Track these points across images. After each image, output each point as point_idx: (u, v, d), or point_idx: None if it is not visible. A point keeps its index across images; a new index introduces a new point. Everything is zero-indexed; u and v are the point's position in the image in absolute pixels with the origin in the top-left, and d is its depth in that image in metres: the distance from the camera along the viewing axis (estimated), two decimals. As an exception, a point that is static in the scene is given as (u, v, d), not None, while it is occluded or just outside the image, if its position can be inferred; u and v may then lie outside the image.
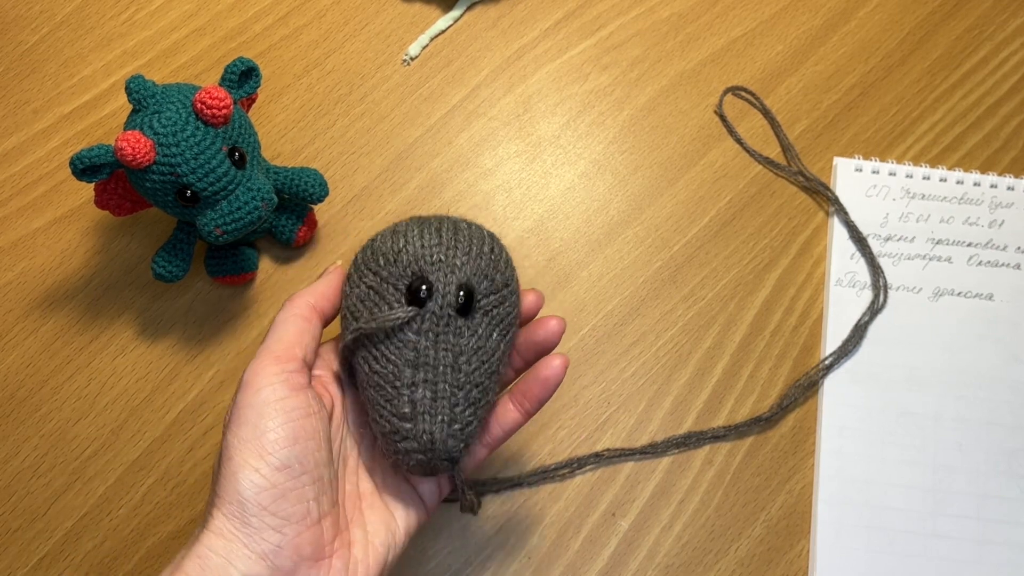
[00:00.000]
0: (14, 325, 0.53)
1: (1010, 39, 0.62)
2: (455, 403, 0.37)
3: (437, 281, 0.38)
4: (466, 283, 0.38)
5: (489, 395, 0.39)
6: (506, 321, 0.39)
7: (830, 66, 0.61)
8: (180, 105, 0.45)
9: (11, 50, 0.60)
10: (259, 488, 0.35)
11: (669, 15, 0.62)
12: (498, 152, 0.58)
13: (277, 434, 0.35)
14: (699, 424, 0.52)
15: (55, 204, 0.56)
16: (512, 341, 0.40)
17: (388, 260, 0.39)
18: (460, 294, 0.38)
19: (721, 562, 0.49)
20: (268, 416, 0.36)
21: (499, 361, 0.39)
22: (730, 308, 0.54)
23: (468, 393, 0.38)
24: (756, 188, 0.58)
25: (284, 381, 0.37)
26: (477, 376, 0.38)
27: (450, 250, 0.39)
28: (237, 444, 0.35)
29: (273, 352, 0.38)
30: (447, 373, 0.37)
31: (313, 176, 0.52)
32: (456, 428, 0.37)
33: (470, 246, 0.39)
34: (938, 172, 0.58)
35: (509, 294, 0.40)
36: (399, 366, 0.37)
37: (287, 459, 0.35)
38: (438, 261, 0.38)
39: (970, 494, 0.50)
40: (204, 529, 0.35)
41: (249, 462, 0.35)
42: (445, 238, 0.39)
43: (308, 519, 0.36)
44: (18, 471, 0.50)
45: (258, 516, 0.34)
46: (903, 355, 0.53)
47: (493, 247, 0.40)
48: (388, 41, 0.61)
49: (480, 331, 0.38)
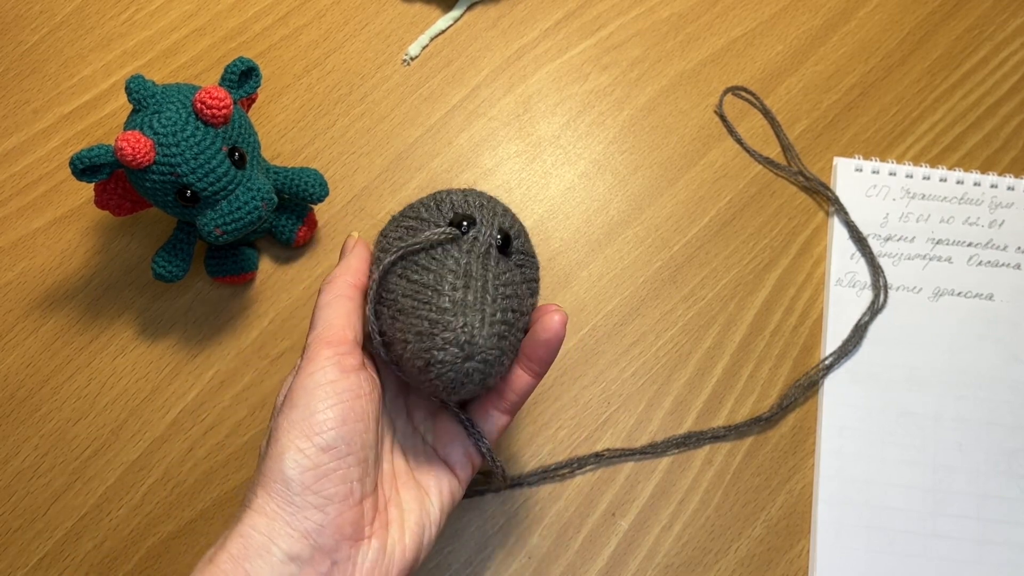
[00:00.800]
0: (14, 325, 0.53)
1: (1010, 39, 0.62)
2: (494, 310, 0.38)
3: (482, 218, 0.40)
4: (505, 228, 0.40)
5: (516, 332, 0.39)
6: (532, 286, 0.41)
7: (830, 66, 0.61)
8: (180, 105, 0.45)
9: (11, 50, 0.60)
10: (303, 468, 0.35)
11: (669, 15, 0.62)
12: (498, 152, 0.58)
13: (326, 415, 0.36)
14: (699, 424, 0.52)
15: (55, 204, 0.56)
16: (531, 309, 0.41)
17: (429, 208, 0.41)
18: (499, 235, 0.40)
19: (721, 562, 0.49)
20: (318, 398, 0.36)
21: (524, 311, 0.40)
22: (730, 308, 0.54)
23: (504, 310, 0.38)
24: (756, 188, 0.58)
25: (336, 363, 0.37)
26: (510, 303, 0.39)
27: (491, 203, 0.41)
28: (287, 426, 0.36)
29: (324, 338, 0.38)
30: (486, 287, 0.38)
31: (313, 176, 0.52)
32: (494, 331, 0.37)
33: (505, 210, 0.42)
34: (938, 172, 0.58)
35: (534, 265, 0.42)
36: (441, 274, 0.38)
37: (334, 440, 0.36)
38: (480, 206, 0.41)
39: (970, 494, 0.50)
40: (247, 508, 0.35)
41: (295, 443, 0.35)
42: (486, 198, 0.42)
43: (351, 499, 0.36)
44: (18, 471, 0.50)
45: (301, 495, 0.35)
46: (903, 355, 0.53)
47: (518, 221, 0.43)
48: (388, 41, 0.61)
49: (514, 272, 0.40)
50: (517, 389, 0.41)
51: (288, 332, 0.53)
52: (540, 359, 0.41)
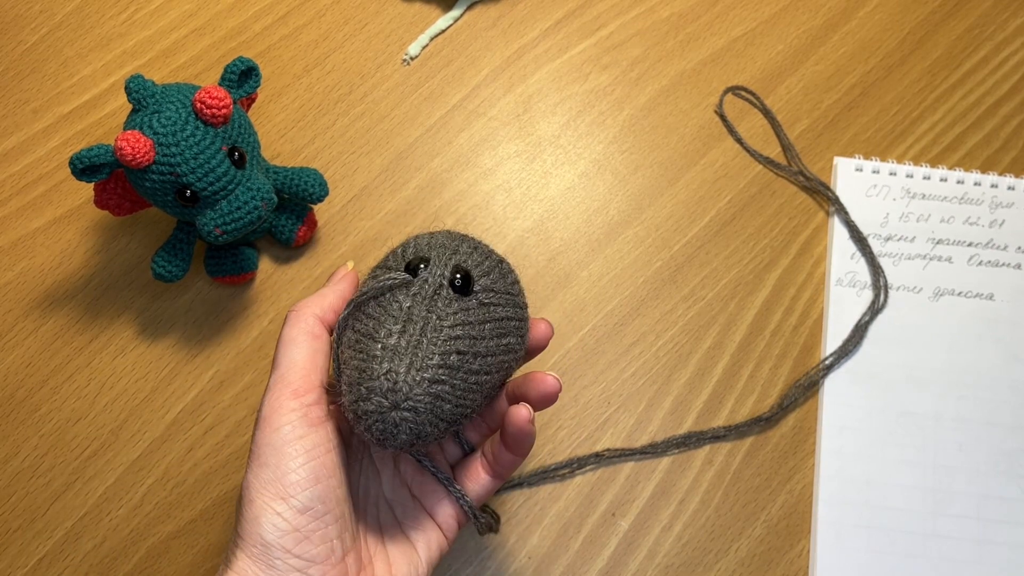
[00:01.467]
0: (14, 325, 0.53)
1: (1010, 39, 0.62)
2: (430, 355, 0.35)
3: (436, 258, 0.38)
4: (464, 266, 0.38)
5: (470, 376, 0.36)
6: (505, 325, 0.38)
7: (830, 66, 0.61)
8: (180, 105, 0.45)
9: (11, 50, 0.60)
10: (282, 532, 0.34)
11: (669, 15, 0.62)
12: (498, 152, 0.58)
13: (299, 475, 0.35)
14: (699, 424, 0.52)
15: (55, 204, 0.56)
16: (511, 354, 0.38)
17: (395, 255, 0.39)
18: (457, 276, 0.37)
19: (721, 562, 0.49)
20: (288, 456, 0.35)
21: (486, 352, 0.37)
22: (730, 308, 0.54)
23: (446, 355, 0.36)
24: (756, 188, 0.58)
25: (303, 417, 0.36)
26: (457, 344, 0.36)
27: (455, 242, 0.39)
28: (258, 486, 0.35)
29: (289, 384, 0.37)
30: (424, 330, 0.36)
31: (313, 176, 0.52)
32: (424, 376, 0.35)
33: (474, 248, 0.39)
34: (938, 172, 0.58)
35: (510, 303, 0.39)
36: (382, 320, 0.36)
37: (309, 500, 0.35)
38: (442, 247, 0.39)
39: (970, 494, 0.50)
40: (228, 569, 0.34)
41: (271, 505, 0.34)
42: (453, 238, 0.39)
43: (332, 558, 0.35)
44: (18, 471, 0.50)
45: (283, 559, 0.34)
46: (903, 355, 0.53)
47: (502, 263, 0.40)
48: (388, 41, 0.61)
49: (472, 311, 0.37)
50: (502, 461, 0.40)
51: (288, 332, 0.53)
52: (509, 446, 0.39)
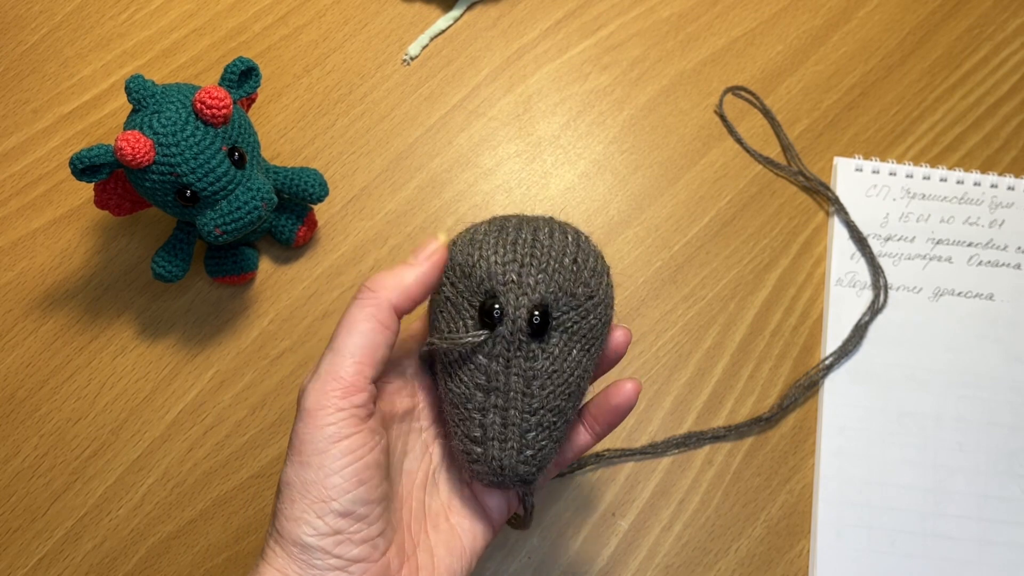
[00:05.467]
0: (14, 325, 0.53)
1: (1010, 39, 0.62)
2: (526, 429, 0.36)
3: (508, 304, 0.36)
4: (541, 303, 0.36)
5: (567, 415, 0.37)
6: (590, 335, 0.37)
7: (830, 66, 0.61)
8: (180, 105, 0.45)
9: (11, 50, 0.60)
10: (322, 535, 0.33)
11: (669, 15, 0.62)
12: (498, 152, 0.58)
13: (342, 477, 0.34)
14: (699, 424, 0.52)
15: (55, 204, 0.56)
16: (598, 353, 0.38)
17: (464, 273, 0.37)
18: (534, 315, 0.35)
19: (721, 562, 0.49)
20: (332, 457, 0.34)
21: (580, 379, 0.37)
22: (730, 308, 0.54)
23: (541, 419, 0.36)
24: (756, 188, 0.58)
25: (351, 416, 0.34)
26: (552, 400, 0.36)
27: (524, 267, 0.36)
28: (299, 485, 0.34)
29: (340, 379, 0.34)
30: (518, 399, 0.36)
31: (313, 176, 0.52)
32: (528, 455, 0.36)
33: (548, 260, 0.36)
34: (938, 172, 0.58)
35: (594, 306, 0.37)
36: (471, 388, 0.36)
37: (351, 504, 0.34)
38: (510, 282, 0.36)
39: (970, 494, 0.50)
40: (265, 562, 0.34)
41: (312, 508, 0.33)
42: (520, 253, 0.36)
43: (374, 555, 0.34)
44: (18, 471, 0.50)
45: (322, 559, 0.33)
46: (903, 355, 0.53)
47: (577, 256, 0.37)
48: (388, 41, 0.61)
49: (557, 352, 0.36)
50: (575, 448, 0.40)
51: (288, 332, 0.53)
52: (606, 422, 0.39)
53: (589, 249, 0.38)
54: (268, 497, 0.49)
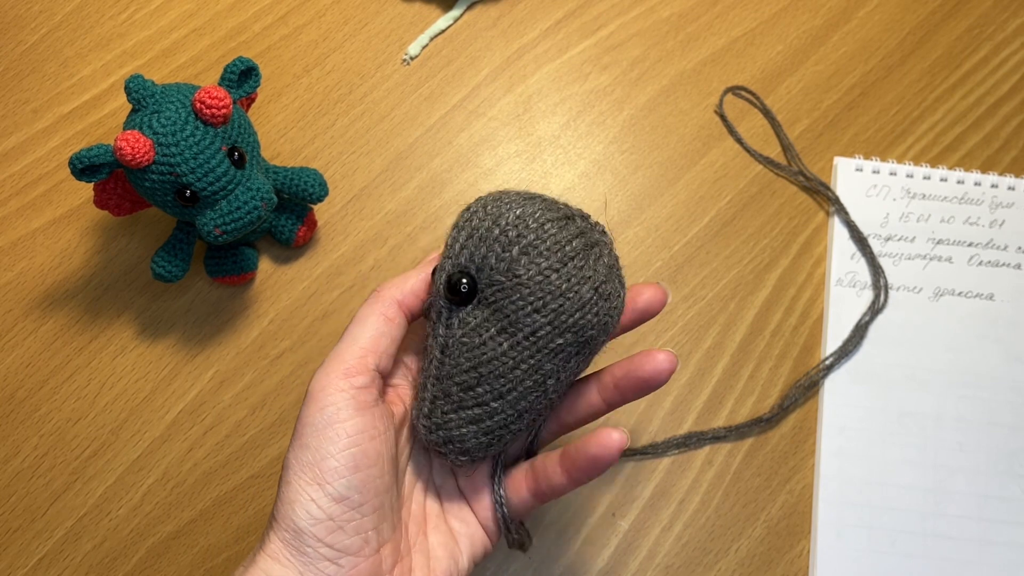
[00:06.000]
0: (14, 325, 0.53)
1: (1010, 39, 0.62)
2: (435, 396, 0.36)
3: (442, 267, 0.36)
4: (460, 267, 0.35)
5: (485, 401, 0.35)
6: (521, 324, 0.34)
7: (830, 66, 0.61)
8: (179, 105, 0.45)
9: (11, 50, 0.60)
10: (315, 519, 0.33)
11: (669, 15, 0.62)
12: (498, 152, 0.58)
13: (338, 460, 0.34)
14: (699, 424, 0.52)
15: (55, 204, 0.56)
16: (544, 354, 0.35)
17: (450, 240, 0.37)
18: (458, 281, 0.35)
19: (721, 562, 0.49)
20: (329, 439, 0.34)
21: (506, 367, 0.35)
22: (730, 308, 0.54)
23: (447, 389, 0.36)
24: (756, 188, 0.58)
25: (351, 399, 0.34)
26: (459, 375, 0.35)
27: (470, 235, 0.35)
28: (296, 468, 0.34)
29: (344, 361, 0.35)
30: (432, 364, 0.36)
31: (313, 176, 0.52)
32: (434, 421, 0.37)
33: (493, 231, 0.34)
34: (938, 172, 0.58)
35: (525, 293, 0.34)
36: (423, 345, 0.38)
37: (346, 489, 0.34)
38: (453, 244, 0.36)
39: (971, 494, 0.50)
40: (261, 551, 0.34)
41: (306, 490, 0.34)
42: (479, 223, 0.35)
43: (366, 549, 0.34)
44: (18, 471, 0.50)
45: (313, 547, 0.33)
46: (904, 355, 0.53)
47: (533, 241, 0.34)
48: (388, 41, 0.61)
49: (473, 324, 0.35)
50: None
51: (288, 332, 0.53)
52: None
53: (543, 229, 0.35)
54: (268, 497, 0.49)
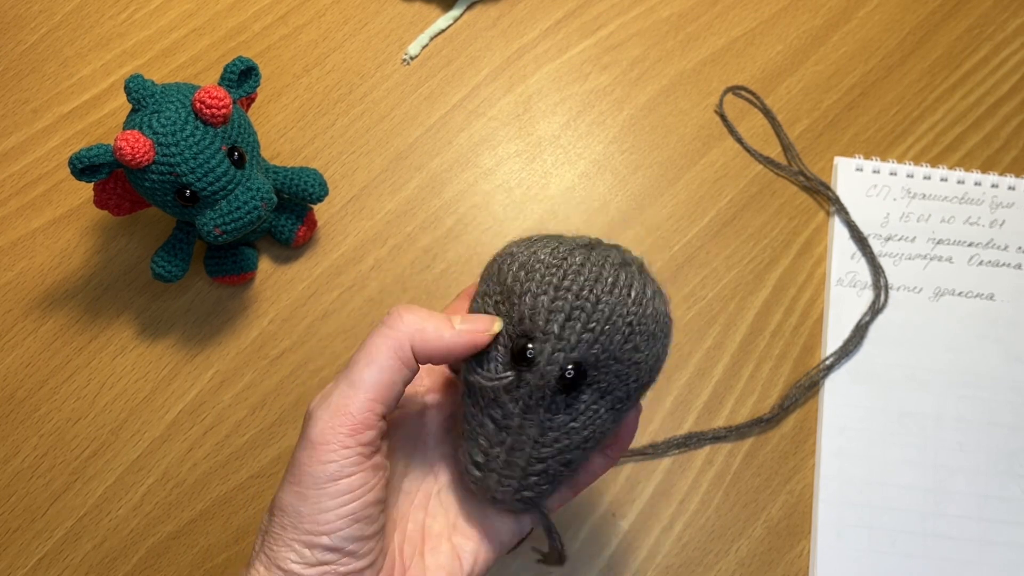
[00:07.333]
0: (13, 325, 0.53)
1: (1010, 39, 0.62)
2: (530, 473, 0.35)
3: (542, 354, 0.33)
4: (577, 362, 0.33)
5: (576, 463, 0.36)
6: (625, 396, 0.35)
7: (830, 66, 0.61)
8: (179, 104, 0.44)
9: (11, 50, 0.60)
10: (308, 565, 0.33)
11: (669, 15, 0.62)
12: (498, 152, 0.58)
13: (337, 515, 0.33)
14: (699, 424, 0.52)
15: (54, 204, 0.56)
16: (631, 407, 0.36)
17: (507, 297, 0.35)
18: (567, 372, 0.33)
19: (721, 562, 0.49)
20: (329, 495, 0.33)
21: (601, 433, 0.36)
22: (730, 308, 0.54)
23: (548, 467, 0.35)
24: (756, 188, 0.58)
25: (356, 455, 0.33)
26: (565, 453, 0.35)
27: (570, 321, 0.33)
28: (294, 515, 0.33)
29: (351, 414, 0.33)
30: (527, 445, 0.35)
31: (313, 176, 0.52)
32: (525, 495, 0.36)
33: (598, 319, 0.33)
34: (939, 172, 0.58)
35: (638, 370, 0.34)
36: (485, 417, 0.35)
37: (342, 541, 0.33)
38: (551, 332, 0.33)
39: (971, 494, 0.50)
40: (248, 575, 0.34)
41: (301, 539, 0.33)
42: (570, 302, 0.33)
43: None
44: (18, 471, 0.50)
45: None
46: (904, 355, 0.53)
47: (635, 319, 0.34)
48: (388, 40, 0.61)
49: (583, 409, 0.35)
50: (591, 474, 0.39)
51: (288, 332, 0.53)
52: (619, 449, 0.39)
53: (653, 308, 0.34)
54: (268, 497, 0.49)
